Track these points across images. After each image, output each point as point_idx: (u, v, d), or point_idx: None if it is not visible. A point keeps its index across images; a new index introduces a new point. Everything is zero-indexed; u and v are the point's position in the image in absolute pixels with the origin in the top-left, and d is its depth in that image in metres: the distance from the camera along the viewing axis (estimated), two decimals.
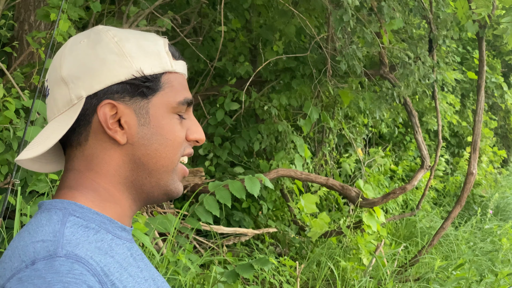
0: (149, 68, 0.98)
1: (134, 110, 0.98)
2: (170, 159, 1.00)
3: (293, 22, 5.73)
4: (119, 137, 0.97)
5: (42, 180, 3.25)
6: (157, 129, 0.99)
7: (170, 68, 1.01)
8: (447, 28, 5.40)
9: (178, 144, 1.01)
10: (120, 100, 0.97)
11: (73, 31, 3.65)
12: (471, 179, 5.26)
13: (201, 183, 4.84)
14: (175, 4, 5.75)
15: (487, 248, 6.44)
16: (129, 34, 1.01)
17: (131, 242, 1.02)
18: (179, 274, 3.46)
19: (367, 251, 5.23)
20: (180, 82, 1.03)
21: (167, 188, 1.02)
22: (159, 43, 1.02)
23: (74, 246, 0.87)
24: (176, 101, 1.00)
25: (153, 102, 0.99)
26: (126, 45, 0.98)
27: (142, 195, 1.02)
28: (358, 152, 7.54)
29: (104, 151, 0.98)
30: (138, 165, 0.99)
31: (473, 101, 10.06)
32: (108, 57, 0.97)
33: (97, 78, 0.96)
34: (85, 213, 0.95)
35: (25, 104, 3.45)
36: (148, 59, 0.99)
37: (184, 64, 1.06)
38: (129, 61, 0.97)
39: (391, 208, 7.70)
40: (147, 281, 0.98)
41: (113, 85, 0.97)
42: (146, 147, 0.98)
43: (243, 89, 5.35)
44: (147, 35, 1.03)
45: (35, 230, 0.90)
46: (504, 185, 11.20)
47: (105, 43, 0.98)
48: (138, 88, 0.98)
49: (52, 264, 0.82)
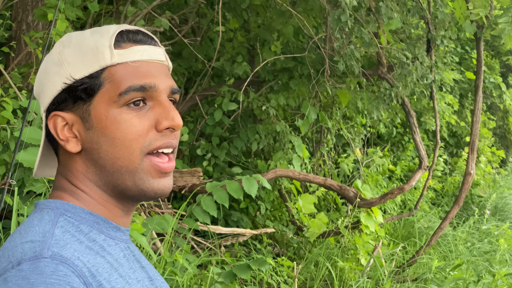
0: (82, 70, 0.95)
1: (80, 116, 0.97)
2: (126, 158, 0.95)
3: (291, 22, 5.73)
4: (69, 147, 0.97)
5: (39, 181, 3.25)
6: (101, 130, 0.95)
7: (108, 62, 0.94)
8: (445, 28, 5.40)
9: (131, 140, 0.94)
10: (66, 109, 0.97)
11: (70, 31, 3.65)
12: (469, 179, 5.27)
13: (199, 183, 4.84)
14: (173, 4, 5.74)
15: (484, 249, 6.44)
16: (78, 35, 0.99)
17: (127, 242, 1.01)
18: (177, 274, 3.46)
19: (365, 251, 5.23)
20: (129, 71, 0.95)
21: (139, 188, 0.96)
22: (104, 37, 0.95)
23: (62, 246, 0.87)
24: (116, 94, 0.94)
25: (94, 103, 0.95)
26: (65, 52, 0.97)
27: (121, 196, 0.99)
28: (356, 152, 7.54)
29: (70, 158, 1.00)
30: (100, 168, 0.97)
31: (471, 101, 10.06)
32: (50, 68, 0.98)
33: (45, 93, 0.99)
34: (77, 213, 0.96)
35: (22, 105, 3.45)
36: (82, 60, 0.95)
37: (150, 48, 0.98)
38: (64, 68, 0.96)
39: (389, 208, 7.71)
40: (139, 282, 0.97)
41: (56, 96, 0.97)
42: (98, 151, 0.96)
43: (241, 89, 5.35)
44: (98, 30, 0.98)
45: (26, 230, 0.91)
46: (502, 185, 11.20)
47: (51, 54, 0.99)
48: (74, 93, 0.96)
49: (37, 265, 0.83)
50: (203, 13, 6.01)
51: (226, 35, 6.03)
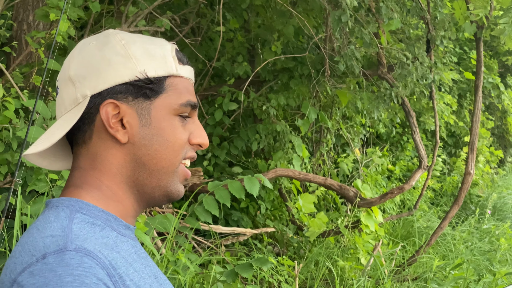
0: (153, 71, 1.01)
1: (136, 111, 1.00)
2: (170, 160, 1.02)
3: (291, 23, 5.74)
4: (120, 136, 1.00)
5: (42, 180, 3.25)
6: (157, 130, 1.01)
7: (174, 71, 1.03)
8: (444, 28, 5.42)
9: (179, 146, 1.03)
10: (123, 100, 1.00)
11: (72, 31, 3.65)
12: (469, 179, 5.29)
13: (199, 183, 4.85)
14: (173, 4, 5.75)
15: (484, 248, 6.46)
16: (136, 37, 1.04)
17: (135, 240, 1.05)
18: (179, 273, 3.47)
19: (365, 250, 5.25)
20: (185, 86, 1.04)
21: (167, 189, 1.04)
22: (166, 48, 1.04)
23: (83, 240, 0.89)
24: (178, 103, 1.02)
25: (155, 104, 1.01)
26: (132, 48, 1.01)
27: (143, 196, 1.04)
28: (356, 152, 7.56)
29: (107, 149, 1.01)
30: (139, 165, 1.01)
31: (470, 101, 10.08)
32: (114, 58, 1.00)
33: (101, 78, 0.99)
34: (91, 210, 0.97)
35: (24, 104, 3.45)
36: (152, 62, 1.01)
37: (191, 70, 1.08)
38: (134, 63, 1.00)
39: (389, 208, 7.73)
40: (150, 277, 1.00)
41: (117, 86, 0.99)
42: (147, 148, 1.00)
43: (241, 89, 5.36)
44: (155, 40, 1.06)
45: (44, 226, 0.92)
46: (500, 185, 11.24)
47: (112, 45, 1.01)
48: (141, 89, 1.00)
49: (63, 258, 0.85)
50: (204, 13, 6.01)
51: (226, 35, 6.04)
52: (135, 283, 0.93)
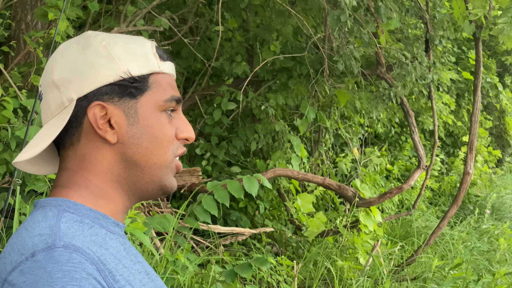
0: (136, 69, 1.02)
1: (123, 110, 1.01)
2: (162, 156, 1.04)
3: (290, 22, 5.74)
4: (109, 137, 1.01)
5: (41, 180, 3.25)
6: (146, 128, 1.02)
7: (157, 68, 1.04)
8: (443, 28, 5.41)
9: (168, 142, 1.04)
10: (109, 101, 1.01)
11: (71, 30, 3.64)
12: (468, 178, 5.28)
13: (198, 182, 4.84)
14: (172, 3, 5.74)
15: (483, 248, 6.46)
16: (117, 38, 1.05)
17: (124, 237, 1.06)
18: (178, 273, 3.46)
19: (363, 250, 5.24)
20: (168, 81, 1.06)
21: (161, 183, 1.05)
22: (146, 45, 1.06)
23: (71, 238, 0.90)
24: (163, 99, 1.03)
25: (141, 102, 1.02)
26: (114, 48, 1.02)
27: (136, 191, 1.05)
28: (354, 151, 7.55)
29: (96, 150, 1.02)
30: (130, 163, 1.02)
31: (468, 101, 10.09)
32: (97, 60, 1.01)
33: (86, 81, 1.00)
34: (79, 209, 0.99)
35: (23, 104, 3.45)
36: (135, 60, 1.03)
37: (172, 65, 1.10)
38: (117, 63, 1.01)
39: (387, 208, 7.73)
40: (140, 273, 1.02)
41: (102, 87, 1.00)
42: (137, 146, 1.02)
43: (240, 89, 5.35)
44: (134, 38, 1.07)
45: (32, 226, 0.94)
46: (499, 185, 11.25)
47: (93, 47, 1.02)
48: (126, 88, 1.02)
49: (52, 255, 0.86)
50: (202, 13, 6.01)
51: (225, 35, 6.03)
52: (125, 278, 0.94)
